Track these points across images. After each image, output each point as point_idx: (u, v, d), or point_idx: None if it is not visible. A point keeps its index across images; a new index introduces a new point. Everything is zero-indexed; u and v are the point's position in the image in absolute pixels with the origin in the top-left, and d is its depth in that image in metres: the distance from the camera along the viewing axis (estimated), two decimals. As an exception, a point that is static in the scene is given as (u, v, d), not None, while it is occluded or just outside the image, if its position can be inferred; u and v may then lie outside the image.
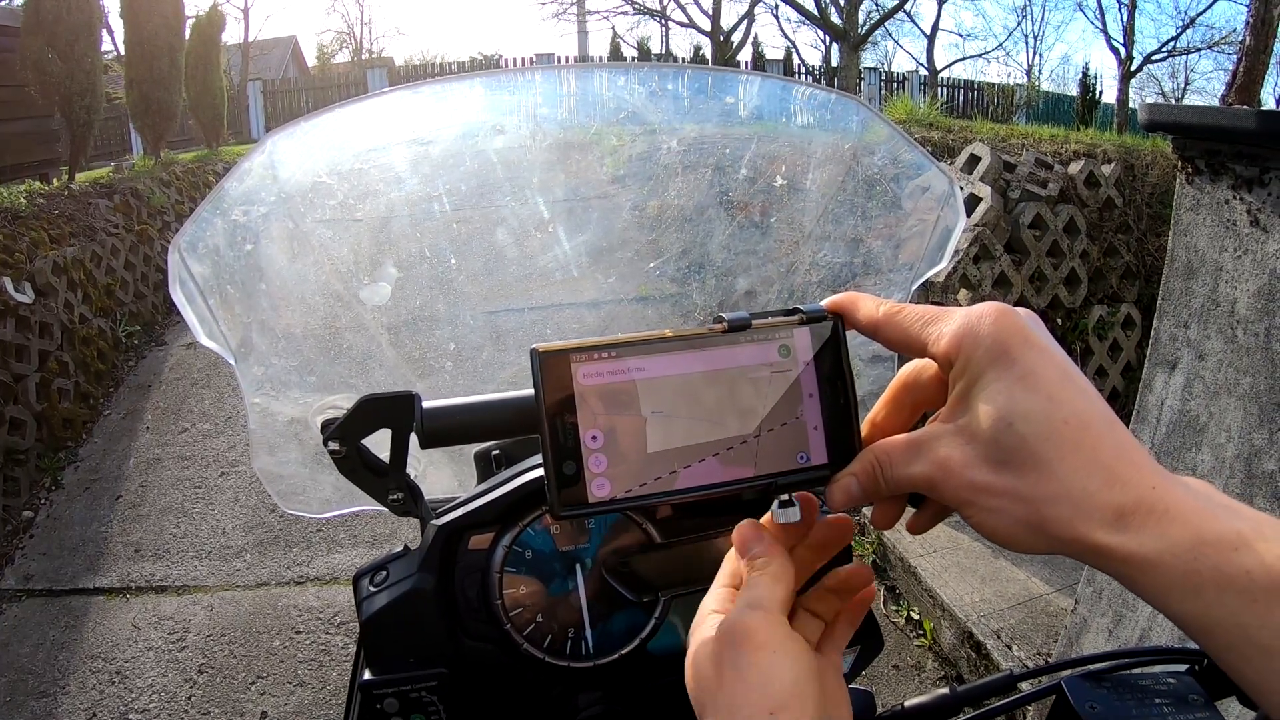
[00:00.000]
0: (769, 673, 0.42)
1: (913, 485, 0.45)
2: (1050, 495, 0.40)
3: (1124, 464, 0.40)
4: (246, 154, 0.76)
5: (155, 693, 2.97)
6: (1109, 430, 0.41)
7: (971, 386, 0.43)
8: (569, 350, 0.45)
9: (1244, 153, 1.83)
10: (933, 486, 0.44)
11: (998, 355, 0.42)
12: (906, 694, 2.83)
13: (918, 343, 0.46)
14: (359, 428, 0.72)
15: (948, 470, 0.43)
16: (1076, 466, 0.40)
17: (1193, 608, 0.37)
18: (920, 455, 0.45)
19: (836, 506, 0.48)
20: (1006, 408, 0.41)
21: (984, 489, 0.42)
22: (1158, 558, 0.37)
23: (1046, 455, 0.40)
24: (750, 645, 0.43)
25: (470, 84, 0.82)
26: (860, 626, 0.80)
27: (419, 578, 0.73)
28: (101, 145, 10.88)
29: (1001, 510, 0.41)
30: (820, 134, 0.88)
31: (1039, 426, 0.40)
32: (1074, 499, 0.39)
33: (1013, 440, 0.41)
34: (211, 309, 0.75)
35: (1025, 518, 0.41)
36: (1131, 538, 0.38)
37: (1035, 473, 0.40)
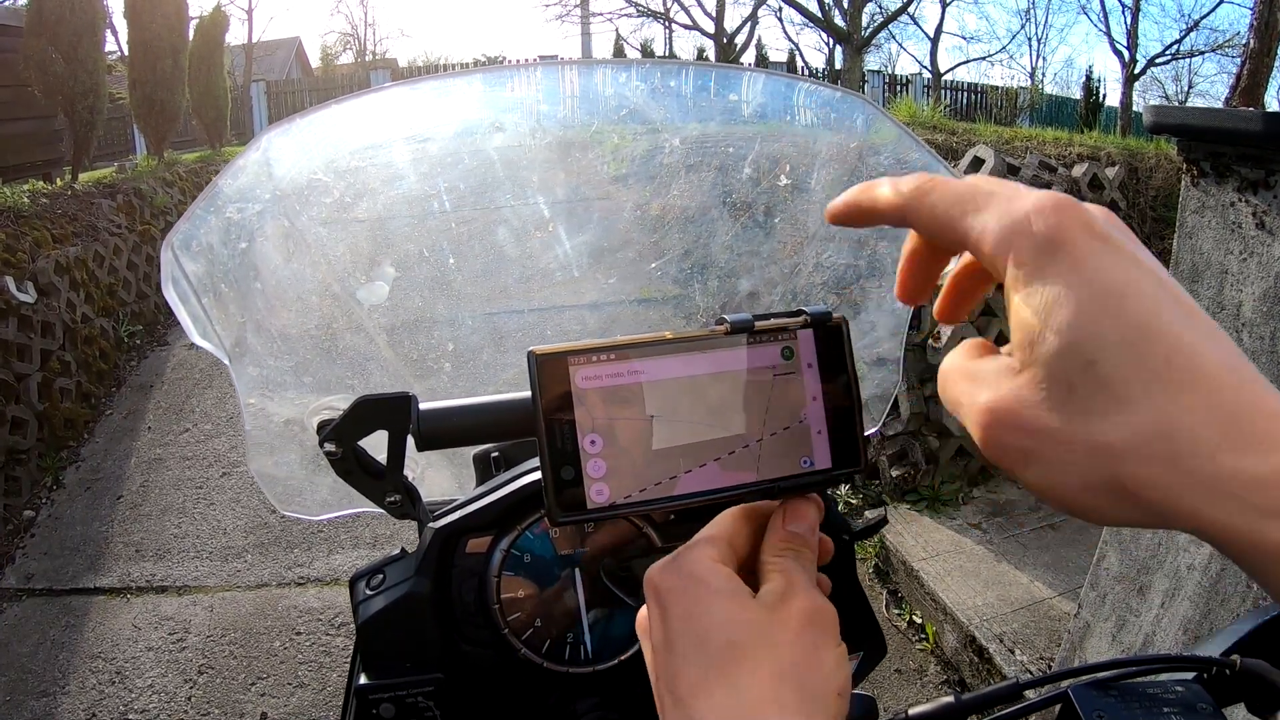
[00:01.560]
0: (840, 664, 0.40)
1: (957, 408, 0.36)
2: (1142, 448, 0.29)
3: (1258, 412, 0.29)
4: (241, 151, 0.75)
5: (155, 693, 2.97)
6: (1216, 346, 0.30)
7: (1023, 303, 0.32)
8: (567, 353, 0.44)
9: (1249, 155, 1.82)
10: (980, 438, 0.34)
11: (1060, 261, 0.32)
12: (909, 698, 2.82)
13: (955, 235, 0.36)
14: (355, 429, 0.71)
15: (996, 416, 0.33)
16: (1171, 406, 0.29)
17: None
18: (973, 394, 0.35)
19: None
20: (1069, 318, 0.30)
21: (1042, 435, 0.31)
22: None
23: (1127, 389, 0.29)
24: (830, 632, 0.41)
25: (469, 81, 0.81)
26: (862, 632, 0.80)
27: (415, 581, 0.72)
28: (104, 145, 10.89)
29: (1065, 464, 0.31)
30: (825, 133, 0.87)
31: (1113, 342, 0.30)
32: (1179, 456, 0.28)
33: (1086, 372, 0.30)
34: (205, 308, 0.74)
35: (1097, 475, 0.30)
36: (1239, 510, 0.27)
37: (1111, 412, 0.30)
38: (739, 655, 0.39)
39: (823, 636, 0.41)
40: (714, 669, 0.39)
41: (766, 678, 0.38)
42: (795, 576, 0.43)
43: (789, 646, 0.40)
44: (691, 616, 0.41)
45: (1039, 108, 15.76)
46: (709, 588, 0.42)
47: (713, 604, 0.41)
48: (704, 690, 0.39)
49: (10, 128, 7.30)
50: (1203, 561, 1.92)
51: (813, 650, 0.40)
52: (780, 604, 0.41)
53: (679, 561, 0.44)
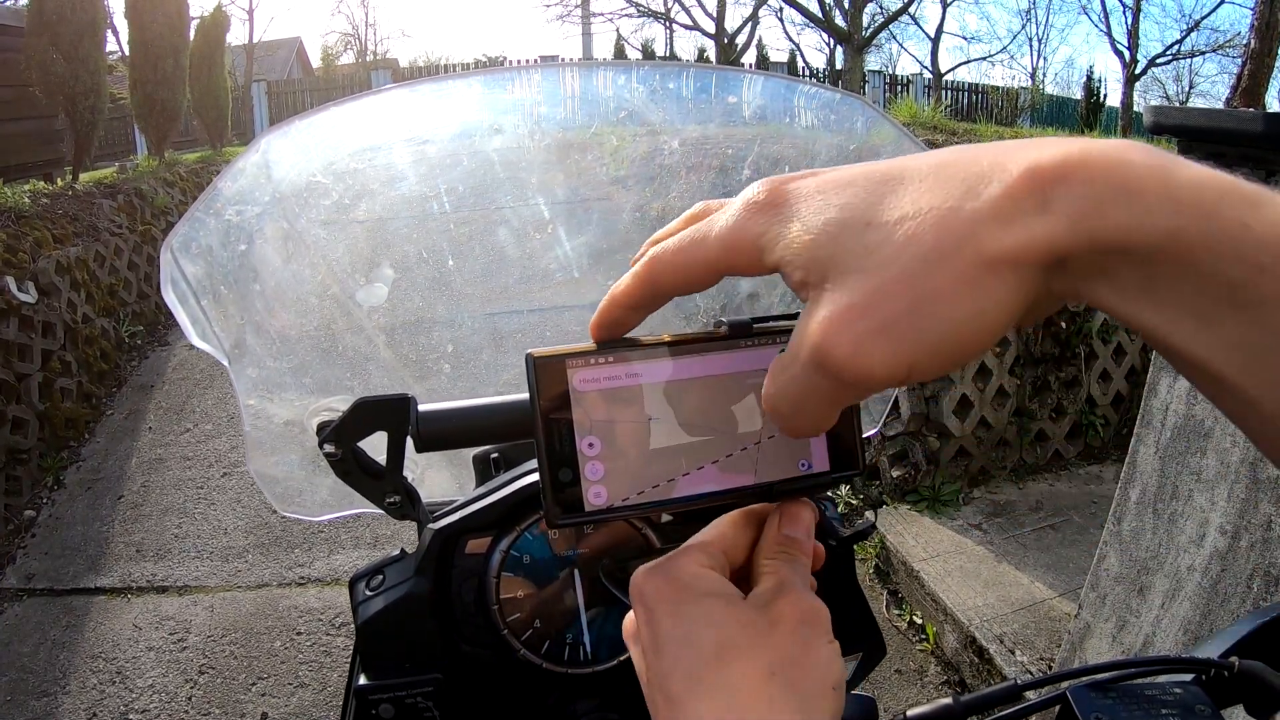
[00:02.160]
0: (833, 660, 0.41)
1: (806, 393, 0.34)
2: (949, 230, 0.29)
3: (984, 152, 0.31)
4: (241, 153, 0.75)
5: (156, 693, 2.97)
6: (932, 152, 0.33)
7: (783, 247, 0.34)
8: (565, 355, 0.44)
9: (1249, 155, 1.82)
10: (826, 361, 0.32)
11: (775, 207, 0.34)
12: (909, 698, 2.82)
13: (697, 269, 0.38)
14: (355, 430, 0.71)
15: (832, 326, 0.31)
16: (944, 189, 0.30)
17: (1179, 295, 0.27)
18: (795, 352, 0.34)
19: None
20: (827, 215, 0.32)
21: (889, 298, 0.30)
22: (1109, 225, 0.27)
23: (907, 207, 0.31)
24: (822, 629, 0.41)
25: (468, 82, 0.81)
26: (862, 632, 0.80)
27: (415, 582, 0.72)
28: (105, 145, 10.91)
29: (928, 298, 0.30)
30: (825, 134, 0.87)
31: (869, 199, 0.32)
32: (972, 210, 0.29)
33: (863, 230, 0.31)
34: (204, 310, 0.74)
35: (952, 276, 0.29)
36: (1062, 211, 0.28)
37: (917, 230, 0.30)
38: (731, 654, 0.39)
39: (814, 633, 0.41)
40: (706, 668, 0.39)
41: (758, 676, 0.38)
42: (787, 577, 0.43)
43: (780, 644, 0.40)
44: (678, 618, 0.41)
45: (1040, 108, 15.76)
46: (693, 590, 0.42)
47: (700, 605, 0.41)
48: (697, 690, 0.39)
49: (11, 128, 7.30)
50: (1203, 562, 1.92)
51: (804, 647, 0.40)
52: (771, 603, 0.42)
53: (664, 566, 0.44)
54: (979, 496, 3.80)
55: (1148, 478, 2.11)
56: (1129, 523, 2.17)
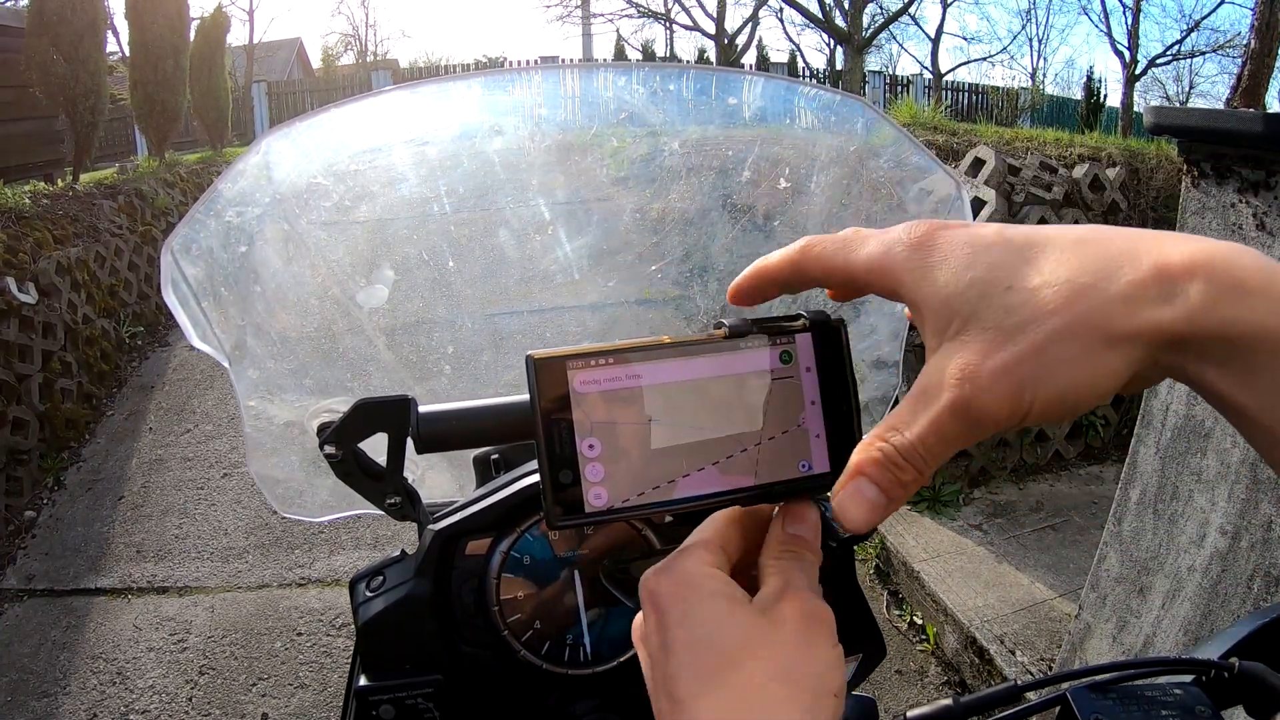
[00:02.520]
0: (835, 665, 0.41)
1: (940, 433, 0.36)
2: (1081, 303, 0.33)
3: (1119, 240, 0.35)
4: (241, 155, 0.75)
5: (156, 693, 2.97)
6: (1070, 229, 0.36)
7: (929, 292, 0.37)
8: (565, 357, 0.44)
9: (1250, 156, 1.82)
10: (968, 409, 0.35)
11: (928, 248, 0.37)
12: (910, 699, 2.82)
13: (844, 272, 0.41)
14: (355, 432, 0.71)
15: (972, 374, 0.35)
16: (1080, 265, 0.34)
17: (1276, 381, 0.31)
18: (930, 396, 0.36)
19: (855, 524, 0.39)
20: (973, 272, 0.36)
21: (1020, 358, 0.34)
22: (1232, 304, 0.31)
23: (1045, 277, 0.34)
24: (825, 633, 0.42)
25: (468, 84, 0.81)
26: (862, 633, 0.80)
27: (415, 583, 0.72)
28: (106, 146, 10.91)
29: (1054, 363, 0.34)
30: (825, 136, 0.87)
31: (1013, 263, 0.35)
32: (1105, 290, 0.33)
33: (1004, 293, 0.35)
34: (205, 311, 0.74)
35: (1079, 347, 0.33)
36: (1190, 298, 0.32)
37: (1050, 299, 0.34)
38: (734, 657, 0.39)
39: (818, 637, 0.41)
40: (710, 671, 0.39)
41: (761, 678, 0.39)
42: (793, 578, 0.43)
43: (784, 647, 0.40)
44: (686, 620, 0.41)
45: (1040, 108, 15.75)
46: (702, 591, 0.42)
47: (707, 607, 0.41)
48: (701, 693, 0.39)
49: (11, 128, 7.31)
50: (1203, 563, 1.92)
51: (808, 650, 0.40)
52: (775, 605, 0.42)
53: (672, 566, 0.44)
54: (979, 497, 3.80)
55: (1148, 478, 2.11)
56: (1129, 523, 2.17)
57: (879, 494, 0.38)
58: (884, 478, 0.38)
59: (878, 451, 0.38)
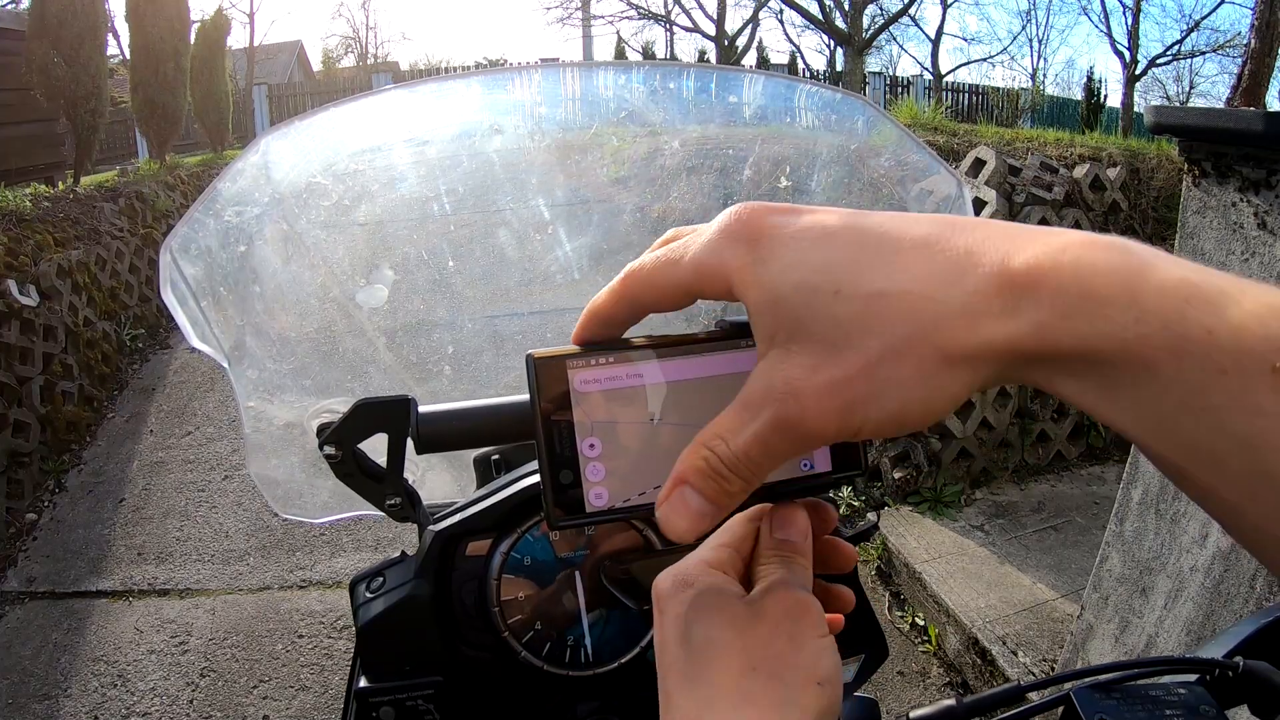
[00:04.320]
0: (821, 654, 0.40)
1: (765, 447, 0.34)
2: (916, 320, 0.31)
3: (964, 239, 0.31)
4: (240, 154, 0.75)
5: (157, 696, 2.97)
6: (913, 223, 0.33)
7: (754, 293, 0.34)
8: (565, 356, 0.44)
9: (1250, 155, 1.82)
10: (792, 425, 0.33)
11: (752, 244, 0.34)
12: (911, 700, 2.82)
13: (674, 291, 0.38)
14: (355, 432, 0.71)
15: (795, 391, 0.33)
16: (917, 272, 0.31)
17: (1139, 397, 0.28)
18: (757, 405, 0.34)
19: (680, 534, 0.37)
20: (800, 274, 0.33)
21: (848, 378, 0.32)
22: (1081, 318, 0.28)
23: (878, 285, 0.31)
24: (810, 623, 0.41)
25: (468, 83, 0.81)
26: (864, 634, 0.79)
27: (415, 584, 0.72)
28: (107, 149, 10.92)
29: (885, 384, 0.31)
30: (826, 134, 0.86)
31: (843, 265, 0.32)
32: (942, 305, 0.30)
33: (831, 300, 0.32)
34: (204, 311, 0.74)
35: (913, 369, 0.31)
36: (1037, 310, 0.29)
37: (882, 313, 0.31)
38: (714, 650, 0.40)
39: (799, 627, 0.41)
40: (693, 665, 0.40)
41: (736, 671, 0.39)
42: (780, 577, 0.44)
43: (763, 640, 0.40)
44: (680, 617, 0.42)
45: (1040, 109, 15.74)
46: (693, 590, 0.43)
47: (695, 604, 0.43)
48: (684, 685, 0.40)
49: (12, 131, 7.31)
50: (1205, 562, 1.91)
51: (788, 642, 0.40)
52: (759, 601, 0.42)
53: (679, 568, 0.45)
54: (981, 498, 3.80)
55: (1150, 478, 2.11)
56: (1131, 523, 2.17)
57: (704, 503, 0.37)
58: (709, 487, 0.36)
59: (702, 461, 0.36)
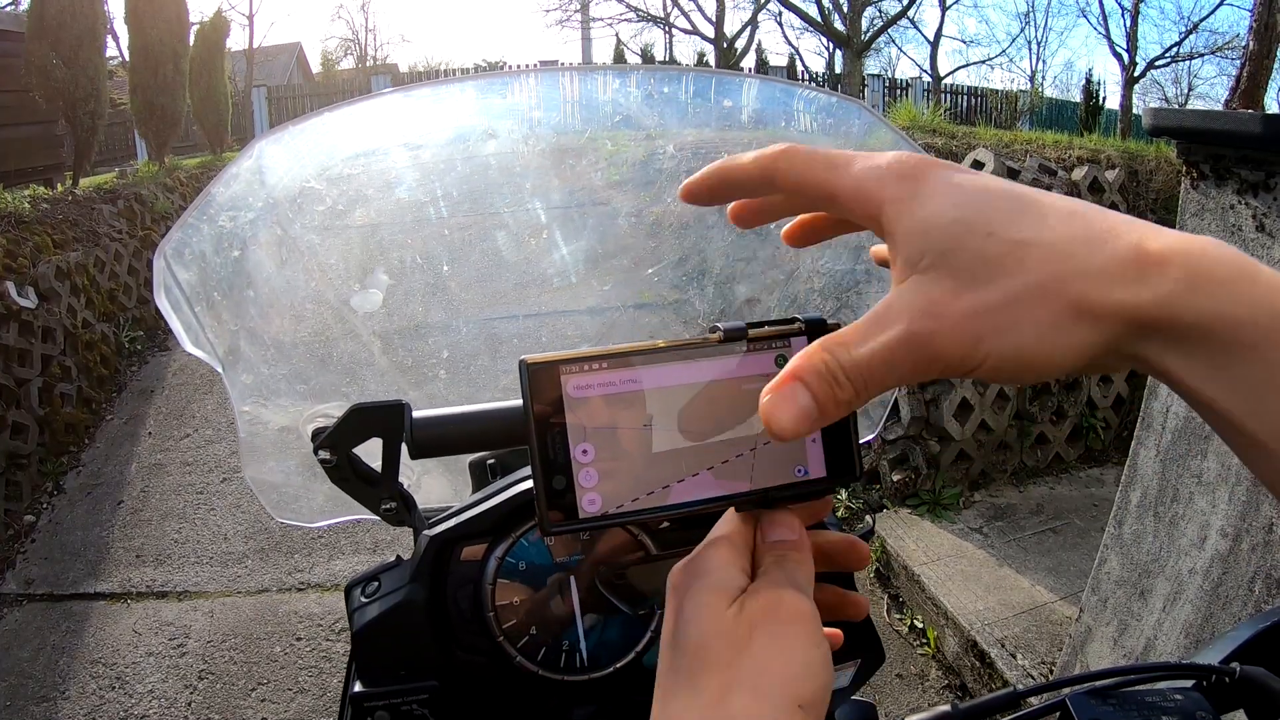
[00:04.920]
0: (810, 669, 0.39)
1: (887, 361, 0.35)
2: (1059, 269, 0.33)
3: (1106, 218, 0.34)
4: (234, 159, 0.75)
5: (155, 698, 2.96)
6: (1063, 198, 0.36)
7: (909, 222, 0.36)
8: (558, 361, 0.44)
9: (1249, 157, 1.82)
10: (921, 344, 0.34)
11: (918, 181, 0.36)
12: (910, 703, 2.81)
13: (820, 190, 0.39)
14: (349, 437, 0.71)
15: (934, 312, 0.34)
16: (1065, 231, 0.34)
17: (1243, 374, 0.31)
18: (888, 320, 0.35)
19: (781, 430, 0.37)
20: (958, 212, 0.35)
21: (986, 308, 0.34)
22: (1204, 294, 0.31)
23: (1028, 234, 0.34)
24: (803, 632, 0.40)
25: (462, 87, 0.81)
26: (861, 638, 0.79)
27: (410, 589, 0.72)
28: (106, 150, 10.92)
29: (1018, 322, 0.33)
30: (821, 138, 0.86)
31: (998, 212, 0.35)
32: (1083, 262, 0.33)
33: (984, 238, 0.34)
34: (198, 316, 0.73)
35: (1047, 312, 0.33)
36: (1163, 283, 0.32)
37: (1029, 256, 0.33)
38: (703, 658, 0.40)
39: (793, 639, 0.40)
40: (683, 670, 0.40)
41: (721, 682, 0.39)
42: (775, 579, 0.43)
43: (751, 651, 0.39)
44: (682, 616, 0.42)
45: (1039, 111, 15.74)
46: (702, 584, 0.42)
47: (695, 603, 0.42)
48: (674, 690, 0.40)
49: (11, 133, 7.31)
50: (1204, 565, 1.91)
51: (778, 655, 0.39)
52: (753, 607, 0.41)
53: (693, 559, 0.44)
54: (979, 500, 3.79)
55: (1148, 480, 2.11)
56: (1130, 526, 2.17)
57: (812, 404, 0.37)
58: (822, 390, 0.36)
59: (821, 363, 0.36)
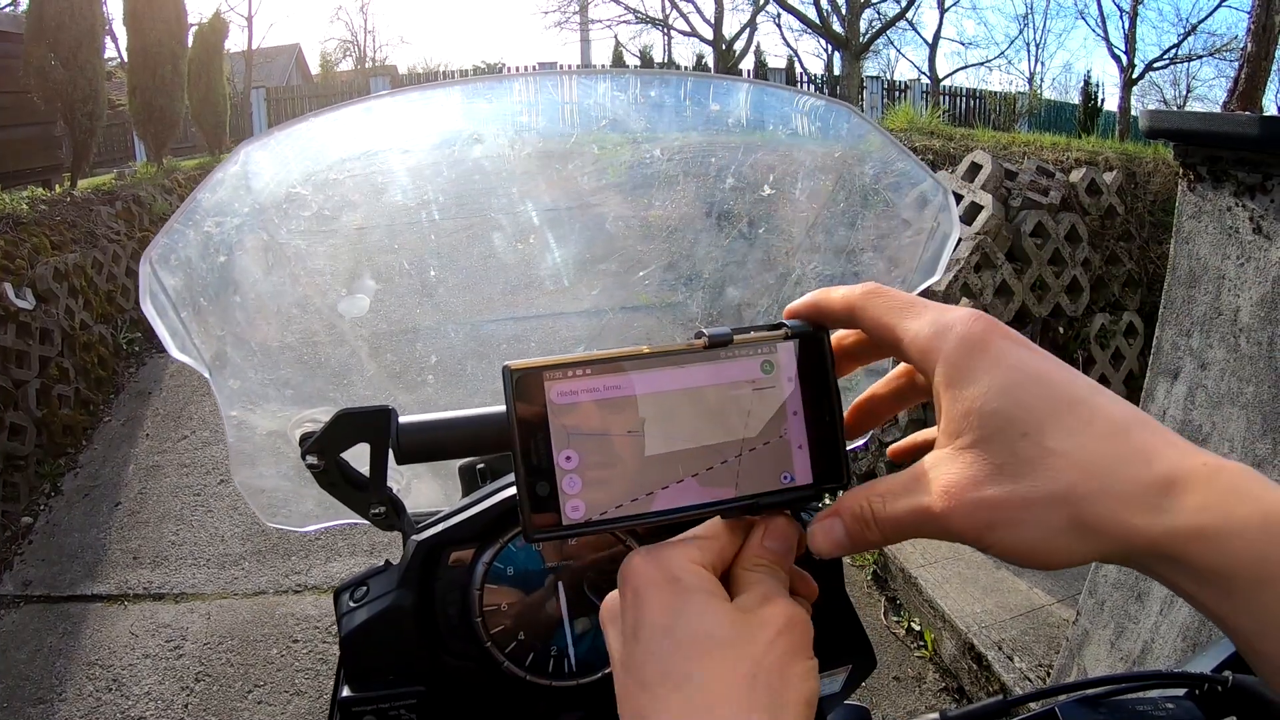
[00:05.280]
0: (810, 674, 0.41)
1: (912, 523, 0.40)
2: (1079, 485, 0.35)
3: (1148, 436, 0.36)
4: (220, 164, 0.75)
5: (152, 700, 2.96)
6: (1116, 403, 0.37)
7: (957, 395, 0.39)
8: (542, 367, 0.44)
9: (1246, 159, 1.82)
10: (938, 519, 0.39)
11: (977, 352, 0.39)
12: (907, 706, 2.81)
13: (892, 335, 0.42)
14: (337, 442, 0.70)
15: (955, 495, 0.38)
16: (1097, 448, 0.36)
17: (1257, 601, 0.32)
18: (919, 487, 0.40)
19: (819, 551, 0.44)
20: (1002, 402, 0.37)
21: (1001, 503, 0.37)
22: (1216, 536, 0.33)
23: (1061, 444, 0.36)
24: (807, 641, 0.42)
25: (448, 92, 0.81)
26: (851, 644, 0.79)
27: (398, 594, 0.71)
28: (104, 152, 10.92)
29: (1028, 521, 0.36)
30: (811, 142, 0.86)
31: (1042, 413, 0.37)
32: (1105, 482, 0.35)
33: (1026, 440, 0.36)
34: (184, 322, 0.73)
35: (1058, 520, 0.36)
36: (1179, 516, 0.33)
37: (1054, 466, 0.36)
38: (712, 649, 0.40)
39: (795, 646, 0.41)
40: (685, 660, 0.40)
41: (737, 676, 0.39)
42: (772, 587, 0.44)
43: (763, 649, 0.40)
44: (663, 607, 0.41)
45: (1037, 113, 15.76)
46: (683, 584, 0.42)
47: (686, 598, 0.42)
48: (672, 679, 0.39)
49: (10, 134, 7.30)
50: (1201, 569, 1.90)
51: (785, 658, 0.40)
52: (759, 608, 0.42)
53: (660, 555, 0.44)
54: (978, 502, 3.79)
55: (1145, 483, 2.10)
56: (1127, 529, 2.16)
57: (845, 538, 0.43)
58: (854, 530, 0.43)
59: (859, 509, 0.42)
